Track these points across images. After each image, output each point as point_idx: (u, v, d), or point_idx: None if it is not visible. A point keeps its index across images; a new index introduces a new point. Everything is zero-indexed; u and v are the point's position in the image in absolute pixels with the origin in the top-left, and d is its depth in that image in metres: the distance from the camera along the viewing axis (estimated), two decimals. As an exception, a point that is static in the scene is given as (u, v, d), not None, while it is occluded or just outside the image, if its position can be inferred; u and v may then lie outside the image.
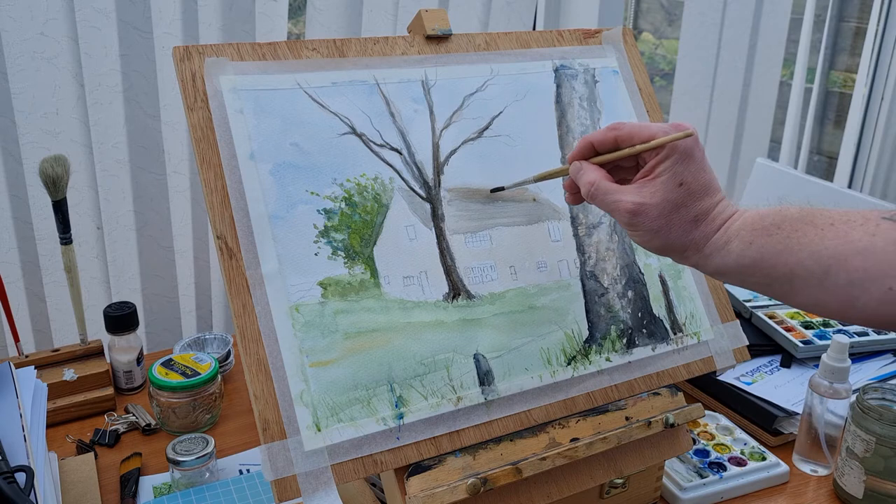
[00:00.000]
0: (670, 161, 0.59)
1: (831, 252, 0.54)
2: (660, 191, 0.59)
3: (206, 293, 1.35)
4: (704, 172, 0.60)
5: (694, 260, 0.61)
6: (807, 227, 0.56)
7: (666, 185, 0.59)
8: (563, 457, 0.67)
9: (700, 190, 0.60)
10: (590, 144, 0.64)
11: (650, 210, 0.59)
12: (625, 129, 0.61)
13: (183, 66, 0.66)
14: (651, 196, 0.59)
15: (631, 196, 0.60)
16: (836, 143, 2.26)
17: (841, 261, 0.53)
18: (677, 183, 0.59)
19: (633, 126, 0.61)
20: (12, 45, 1.08)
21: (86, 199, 1.21)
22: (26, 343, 1.22)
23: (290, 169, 0.66)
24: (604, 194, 0.61)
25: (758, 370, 1.02)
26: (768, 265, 0.57)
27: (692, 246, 0.60)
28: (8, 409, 0.73)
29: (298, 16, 1.42)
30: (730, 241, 0.59)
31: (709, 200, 0.60)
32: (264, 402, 0.59)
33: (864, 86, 2.14)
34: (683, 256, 0.61)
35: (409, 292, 0.67)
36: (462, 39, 0.77)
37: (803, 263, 0.55)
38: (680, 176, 0.59)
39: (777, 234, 0.57)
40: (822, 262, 0.54)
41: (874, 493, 0.80)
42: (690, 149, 0.60)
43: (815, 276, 0.54)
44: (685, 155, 0.59)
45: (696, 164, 0.60)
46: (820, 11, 2.09)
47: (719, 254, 0.59)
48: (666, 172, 0.59)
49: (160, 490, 0.84)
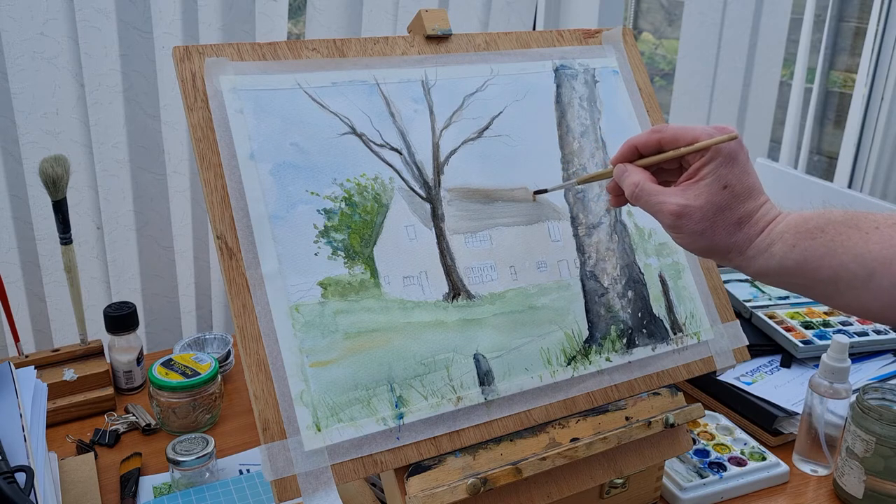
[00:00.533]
0: (715, 164, 0.59)
1: (875, 255, 0.54)
2: (704, 193, 0.59)
3: (206, 293, 1.35)
4: (748, 175, 0.60)
5: (737, 262, 0.61)
6: (851, 231, 0.56)
7: (710, 188, 0.59)
8: (563, 457, 0.67)
9: (744, 192, 0.60)
10: (633, 147, 0.64)
11: (694, 212, 0.59)
12: (669, 132, 0.62)
13: (183, 66, 0.66)
14: (695, 198, 0.59)
15: (675, 198, 0.60)
16: (836, 143, 2.26)
17: (885, 264, 0.54)
18: (722, 185, 0.59)
19: (678, 128, 0.61)
20: (12, 45, 1.08)
21: (86, 199, 1.21)
22: (26, 343, 1.22)
23: (290, 169, 0.66)
24: (648, 195, 0.61)
25: (758, 370, 1.02)
26: (812, 268, 0.57)
27: (735, 248, 0.61)
28: (8, 409, 0.73)
29: (298, 16, 1.42)
30: (773, 243, 0.59)
31: (752, 203, 0.60)
32: (264, 402, 0.59)
33: (864, 86, 2.14)
34: (727, 258, 0.62)
35: (409, 292, 0.67)
36: (462, 39, 0.77)
37: (847, 266, 0.55)
38: (724, 179, 0.59)
39: (821, 238, 0.57)
40: (867, 265, 0.55)
41: (874, 493, 0.80)
42: (735, 151, 0.60)
43: (860, 279, 0.55)
44: (729, 157, 0.60)
45: (740, 166, 0.60)
46: (820, 11, 2.08)
47: (762, 256, 0.60)
48: (710, 175, 0.59)
49: (160, 490, 0.84)
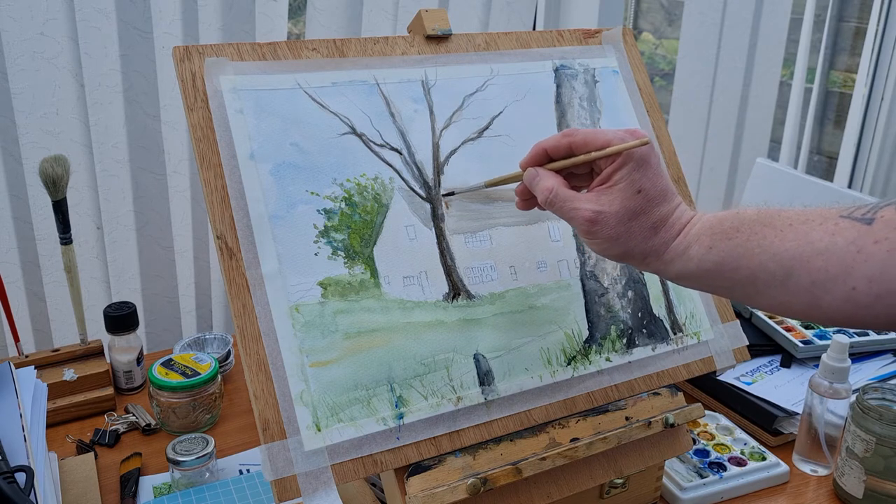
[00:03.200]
0: (627, 168, 0.59)
1: (792, 254, 0.53)
2: (618, 199, 0.59)
3: (206, 293, 1.35)
4: (661, 178, 0.60)
5: (655, 266, 0.61)
6: (765, 230, 0.55)
7: (624, 193, 0.59)
8: (563, 457, 0.67)
9: (658, 196, 0.59)
10: (543, 150, 0.63)
11: (609, 218, 0.58)
12: (579, 136, 0.61)
13: (183, 66, 0.66)
14: (609, 204, 0.59)
15: (590, 204, 0.59)
16: (836, 143, 2.26)
17: (803, 262, 0.52)
18: (635, 190, 0.59)
19: (588, 132, 0.61)
20: (12, 45, 1.08)
21: (86, 199, 1.21)
22: (26, 343, 1.22)
23: (290, 169, 0.66)
24: (562, 202, 0.60)
25: (758, 370, 1.02)
26: (729, 269, 0.56)
27: (652, 253, 0.60)
28: (8, 409, 0.73)
29: (298, 16, 1.42)
30: (690, 246, 0.58)
31: (667, 206, 0.60)
32: (264, 401, 0.59)
33: (864, 86, 2.14)
34: (644, 263, 0.61)
35: (409, 292, 0.67)
36: (462, 39, 0.77)
37: (765, 266, 0.54)
38: (638, 183, 0.59)
39: (736, 238, 0.56)
40: (784, 264, 0.53)
41: (874, 493, 0.80)
42: (646, 155, 0.59)
43: (778, 279, 0.54)
44: (642, 162, 0.59)
45: (652, 170, 0.59)
46: (820, 11, 2.08)
47: (680, 259, 0.59)
48: (623, 180, 0.59)
49: (160, 490, 0.84)
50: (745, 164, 1.93)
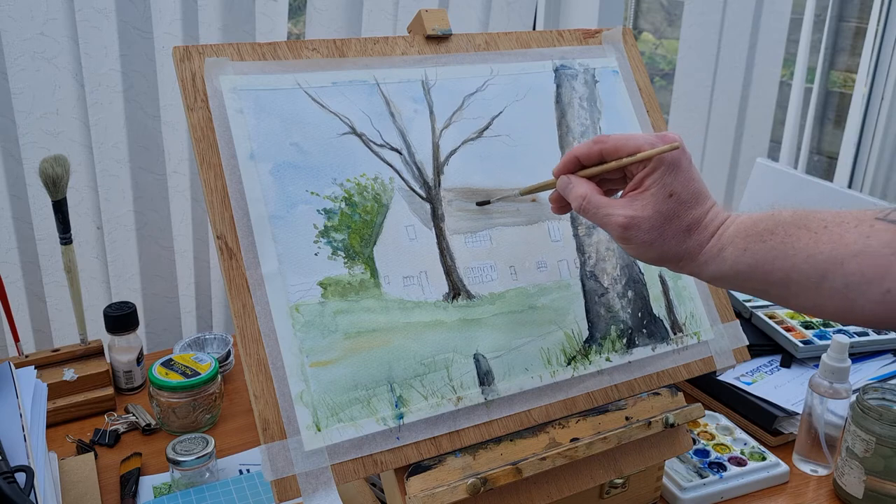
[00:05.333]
0: (658, 173, 0.59)
1: (826, 256, 0.53)
2: (650, 203, 0.59)
3: (206, 293, 1.35)
4: (693, 181, 0.60)
5: (690, 269, 0.61)
6: (800, 231, 0.55)
7: (656, 197, 0.59)
8: (563, 457, 0.67)
9: (690, 199, 0.60)
10: (575, 158, 0.63)
11: (642, 223, 0.59)
12: (610, 142, 0.61)
13: (183, 66, 0.66)
14: (642, 209, 0.59)
15: (622, 210, 0.60)
16: (836, 143, 2.26)
17: (837, 264, 0.53)
18: (667, 194, 0.59)
19: (619, 138, 0.61)
20: (12, 45, 1.08)
21: (86, 199, 1.21)
22: (26, 343, 1.22)
23: (290, 169, 0.66)
24: (595, 208, 0.61)
25: (758, 370, 1.02)
26: (764, 271, 0.57)
27: (687, 255, 0.60)
28: (8, 409, 0.73)
29: (298, 16, 1.42)
30: (724, 248, 0.59)
31: (700, 209, 0.60)
32: (264, 402, 0.59)
33: (864, 86, 2.14)
34: (679, 266, 0.61)
35: (409, 292, 0.67)
36: (462, 39, 0.77)
37: (799, 268, 0.55)
38: (669, 187, 0.59)
39: (771, 240, 0.56)
40: (818, 267, 0.54)
41: (874, 493, 0.80)
42: (677, 159, 0.59)
43: (812, 281, 0.54)
44: (672, 166, 0.59)
45: (683, 173, 0.60)
46: (820, 11, 2.08)
47: (714, 261, 0.59)
48: (655, 185, 0.59)
49: (160, 490, 0.84)
50: (745, 164, 1.93)
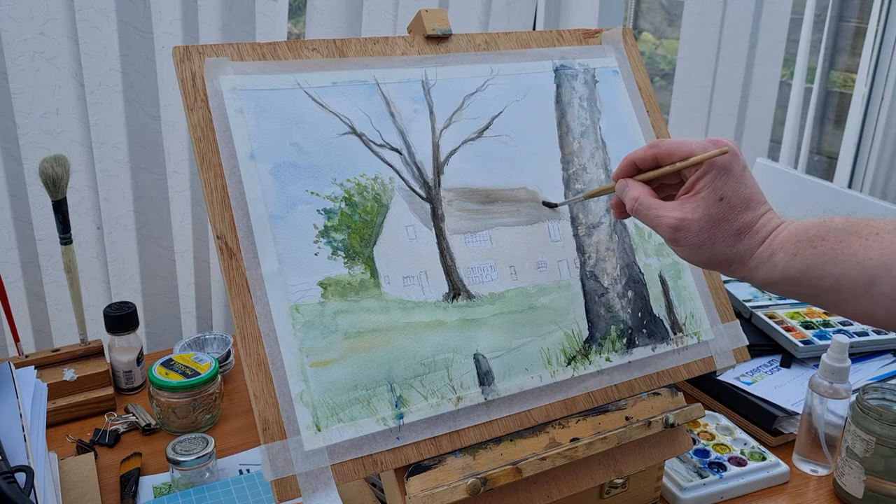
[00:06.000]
0: (709, 177, 0.60)
1: (876, 262, 0.55)
2: (701, 206, 0.60)
3: (206, 293, 1.35)
4: (745, 186, 0.61)
5: (741, 273, 0.62)
6: (851, 238, 0.56)
7: (706, 201, 0.60)
8: (563, 457, 0.67)
9: (741, 203, 0.61)
10: (632, 162, 0.65)
11: (692, 225, 0.60)
12: (664, 147, 0.63)
13: (183, 66, 0.66)
14: (692, 211, 0.60)
15: (673, 212, 0.61)
16: (836, 143, 2.26)
17: (886, 270, 0.54)
18: (717, 198, 0.60)
19: (672, 143, 0.62)
20: (12, 45, 1.08)
21: (86, 199, 1.21)
22: (26, 343, 1.22)
23: (290, 169, 0.66)
24: (647, 209, 0.63)
25: (758, 370, 1.02)
26: (814, 276, 0.58)
27: (738, 259, 0.61)
28: (8, 409, 0.73)
29: (298, 16, 1.42)
30: (775, 253, 0.60)
31: (751, 214, 0.61)
32: (264, 402, 0.59)
33: (864, 86, 2.14)
34: (730, 270, 0.62)
35: (409, 292, 0.67)
36: (462, 39, 0.77)
37: (848, 274, 0.56)
38: (720, 191, 0.60)
39: (821, 246, 0.58)
40: (868, 272, 0.55)
41: (874, 493, 0.80)
42: (729, 164, 0.61)
43: (861, 286, 0.55)
44: (724, 170, 0.60)
45: (735, 178, 0.61)
46: (820, 11, 2.08)
47: (765, 266, 0.60)
48: (706, 188, 0.60)
49: (160, 490, 0.84)
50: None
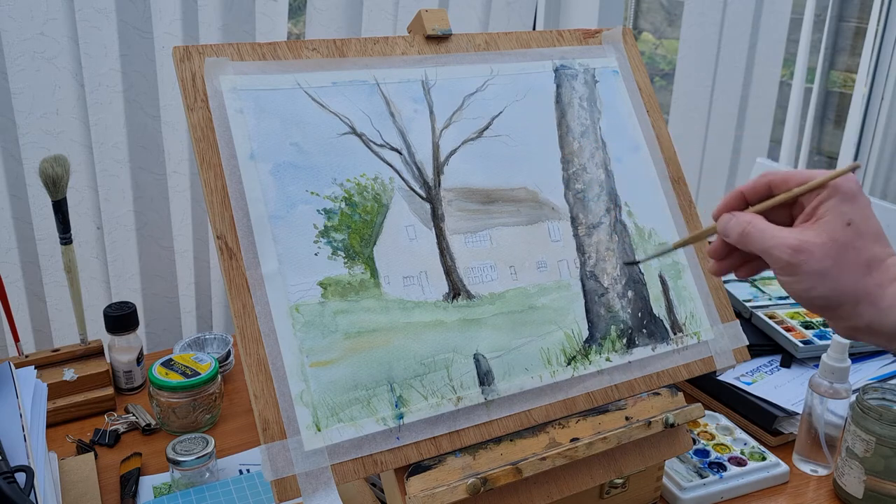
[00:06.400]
0: (834, 200, 0.54)
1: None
2: (825, 230, 0.53)
3: (206, 293, 1.35)
4: (874, 217, 0.54)
5: (869, 315, 0.53)
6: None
7: (831, 225, 0.53)
8: (563, 457, 0.67)
9: (870, 233, 0.54)
10: (740, 194, 0.58)
11: (815, 249, 0.53)
12: (779, 174, 0.57)
13: (183, 66, 0.66)
14: (816, 235, 0.53)
15: (793, 233, 0.54)
16: (836, 143, 2.26)
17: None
18: (844, 222, 0.53)
19: (788, 171, 0.57)
20: (12, 45, 1.08)
21: (86, 199, 1.21)
22: (26, 343, 1.22)
23: (290, 169, 0.66)
24: (761, 232, 0.55)
25: (758, 370, 1.02)
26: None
27: (865, 296, 0.53)
28: (8, 409, 0.73)
29: (298, 16, 1.42)
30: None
31: (881, 248, 0.54)
32: (264, 402, 0.59)
33: (864, 86, 2.14)
34: (856, 309, 0.54)
35: (409, 292, 0.67)
36: (462, 39, 0.77)
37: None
38: (847, 215, 0.53)
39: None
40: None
41: (874, 493, 0.80)
42: (854, 190, 0.54)
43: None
44: (850, 195, 0.54)
45: (862, 205, 0.54)
46: (820, 11, 2.08)
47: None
48: (830, 212, 0.54)
49: (160, 490, 0.84)
50: (745, 164, 1.93)
